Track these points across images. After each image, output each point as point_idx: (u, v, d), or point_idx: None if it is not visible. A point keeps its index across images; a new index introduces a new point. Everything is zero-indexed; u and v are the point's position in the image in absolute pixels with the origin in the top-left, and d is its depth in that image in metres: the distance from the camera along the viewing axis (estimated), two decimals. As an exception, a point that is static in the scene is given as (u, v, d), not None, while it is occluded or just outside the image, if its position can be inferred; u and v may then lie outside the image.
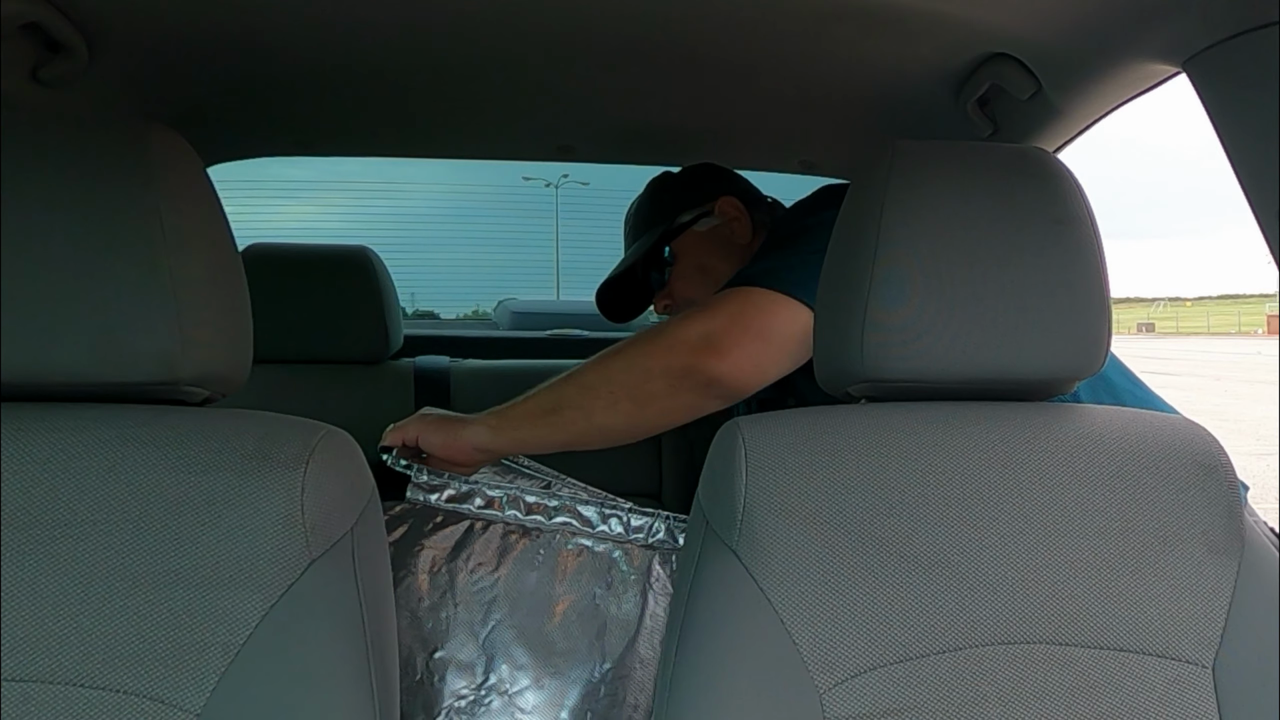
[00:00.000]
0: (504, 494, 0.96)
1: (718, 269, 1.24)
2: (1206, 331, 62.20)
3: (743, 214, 1.28)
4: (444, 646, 0.91)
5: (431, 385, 1.58)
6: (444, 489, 0.96)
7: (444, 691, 0.90)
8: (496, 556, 0.94)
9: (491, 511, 0.96)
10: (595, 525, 0.96)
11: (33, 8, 0.90)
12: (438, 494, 0.96)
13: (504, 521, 0.96)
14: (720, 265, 1.25)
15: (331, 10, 0.99)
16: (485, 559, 0.94)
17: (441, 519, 0.96)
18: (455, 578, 0.93)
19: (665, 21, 1.02)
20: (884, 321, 0.69)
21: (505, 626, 0.92)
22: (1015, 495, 0.68)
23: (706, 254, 1.27)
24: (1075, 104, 1.05)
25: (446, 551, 0.94)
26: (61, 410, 0.63)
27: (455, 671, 0.91)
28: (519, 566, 0.94)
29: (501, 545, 0.95)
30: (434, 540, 0.95)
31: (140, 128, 0.63)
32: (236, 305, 0.69)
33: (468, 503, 0.96)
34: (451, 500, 0.96)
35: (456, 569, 0.93)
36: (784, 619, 0.65)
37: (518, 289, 3.45)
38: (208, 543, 0.60)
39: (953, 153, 0.72)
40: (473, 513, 0.96)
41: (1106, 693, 0.66)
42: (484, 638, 0.92)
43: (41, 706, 0.57)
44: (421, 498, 0.95)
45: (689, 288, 1.26)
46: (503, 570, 0.94)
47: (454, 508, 0.96)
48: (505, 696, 0.91)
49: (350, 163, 1.77)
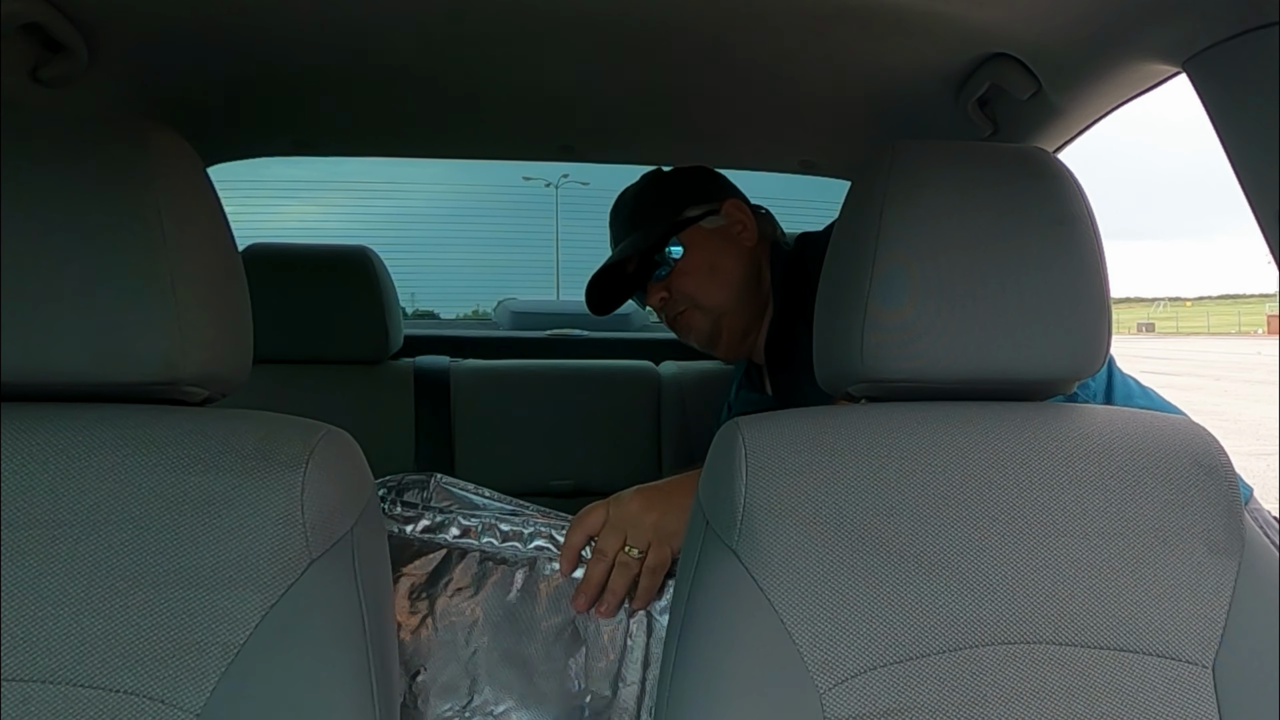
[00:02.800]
0: (479, 522, 0.96)
1: (729, 268, 1.24)
2: (1206, 331, 62.20)
3: (749, 217, 1.28)
4: (426, 669, 0.90)
5: (431, 385, 1.58)
6: (419, 520, 0.96)
7: (428, 714, 0.89)
8: (475, 582, 0.93)
9: (468, 540, 0.95)
10: None
11: (33, 8, 0.90)
12: (412, 525, 0.95)
13: (480, 549, 0.95)
14: (732, 265, 1.25)
15: (332, 10, 0.99)
16: (464, 584, 0.93)
17: (418, 547, 0.95)
18: (435, 602, 0.92)
19: (665, 22, 1.02)
20: (884, 321, 0.69)
21: (487, 649, 0.91)
22: (1015, 495, 0.68)
23: (717, 252, 1.25)
24: (1075, 104, 1.05)
25: (425, 578, 0.93)
26: (61, 410, 0.63)
27: (439, 694, 0.89)
28: (498, 591, 0.93)
29: (480, 571, 0.94)
30: (412, 568, 0.94)
31: (140, 128, 0.63)
32: (236, 305, 0.69)
33: (443, 532, 0.95)
34: (427, 530, 0.96)
35: (436, 594, 0.93)
36: (784, 619, 0.65)
37: (518, 289, 3.46)
38: (208, 542, 0.60)
39: (953, 153, 0.72)
40: (448, 542, 0.95)
41: (1106, 693, 0.66)
42: (467, 660, 0.91)
43: (41, 706, 0.57)
44: (396, 529, 0.95)
45: (693, 283, 1.25)
46: (482, 594, 0.93)
47: (430, 538, 0.95)
48: (490, 717, 0.90)
49: (350, 163, 1.77)
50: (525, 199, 3.21)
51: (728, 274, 1.24)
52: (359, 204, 3.20)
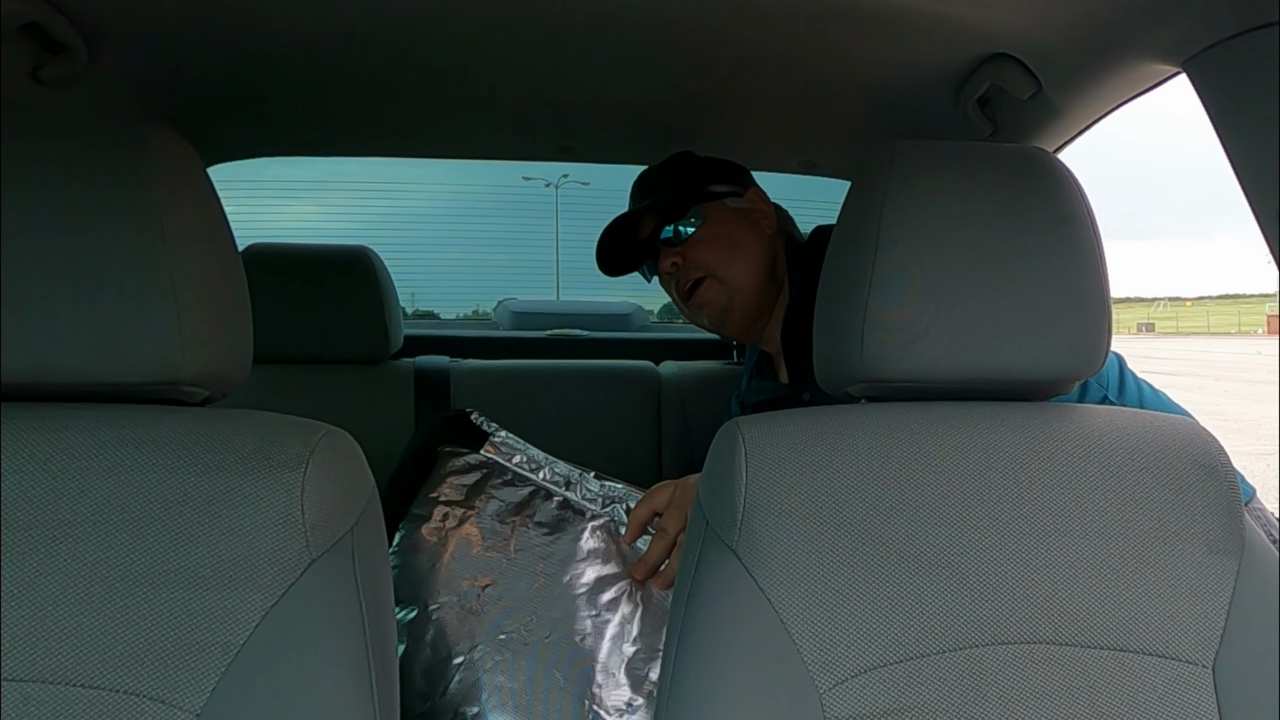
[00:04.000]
0: (570, 474, 1.04)
1: (746, 246, 1.26)
2: (1206, 331, 62.21)
3: (770, 208, 1.30)
4: (497, 583, 0.96)
5: (431, 385, 1.58)
6: (520, 453, 1.05)
7: (487, 624, 0.94)
8: (554, 523, 1.00)
9: (555, 486, 1.03)
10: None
11: (33, 8, 0.90)
12: (514, 457, 1.04)
13: (564, 497, 1.02)
14: (750, 243, 1.26)
15: (332, 11, 0.99)
16: (545, 520, 1.00)
17: (510, 477, 1.03)
18: (515, 529, 0.99)
19: (665, 22, 1.02)
20: (884, 321, 0.69)
21: (552, 585, 0.97)
22: (1015, 495, 0.68)
23: (737, 229, 1.27)
24: (1075, 104, 1.05)
25: (511, 506, 1.01)
26: (62, 410, 0.63)
27: (502, 610, 0.95)
28: (571, 537, 1.00)
29: (559, 515, 1.01)
30: (502, 494, 1.01)
31: (140, 128, 0.63)
32: (236, 305, 0.69)
33: (538, 473, 1.04)
34: (523, 466, 1.04)
35: (519, 522, 1.00)
36: (784, 619, 0.65)
37: (518, 289, 3.45)
38: (208, 542, 0.60)
39: (953, 153, 0.72)
40: (539, 482, 1.03)
41: (1106, 693, 0.65)
42: (533, 588, 0.96)
43: (41, 706, 0.57)
44: (498, 457, 1.04)
45: (709, 253, 1.25)
46: (557, 535, 0.99)
47: (525, 474, 1.03)
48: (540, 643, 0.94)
49: (350, 163, 1.77)
50: (525, 199, 3.21)
51: (746, 251, 1.26)
52: (359, 204, 3.20)
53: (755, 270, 1.26)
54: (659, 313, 2.41)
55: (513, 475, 1.03)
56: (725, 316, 1.28)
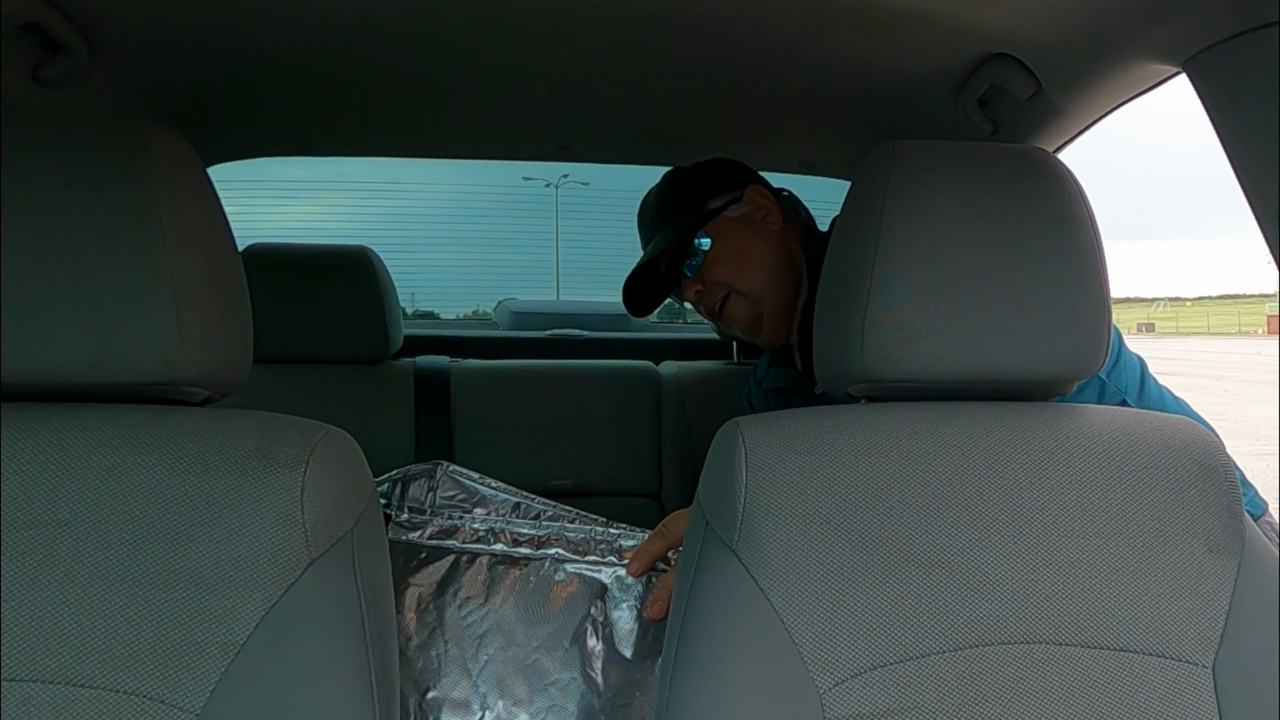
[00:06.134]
0: (489, 527, 0.95)
1: (757, 252, 1.25)
2: (1206, 331, 62.20)
3: (771, 200, 1.29)
4: (437, 686, 0.89)
5: (431, 385, 1.58)
6: (427, 526, 0.94)
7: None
8: (485, 589, 0.92)
9: (477, 545, 0.94)
10: (585, 553, 0.95)
11: (33, 8, 0.90)
12: (420, 531, 0.94)
13: (490, 553, 0.94)
14: (760, 249, 1.25)
15: (332, 11, 0.99)
16: (474, 592, 0.92)
17: (425, 555, 0.94)
18: (444, 614, 0.91)
19: (665, 22, 1.02)
20: (884, 321, 0.69)
21: (499, 661, 0.90)
22: (1015, 495, 0.68)
23: (745, 238, 1.26)
24: (1075, 104, 1.05)
25: (433, 588, 0.92)
26: (62, 410, 0.63)
27: (450, 711, 0.88)
28: (509, 597, 0.92)
29: (489, 577, 0.93)
30: (419, 577, 0.92)
31: (140, 128, 0.63)
32: (236, 305, 0.69)
33: (452, 538, 0.94)
34: (435, 536, 0.94)
35: (444, 604, 0.91)
36: (784, 619, 0.65)
37: (518, 289, 3.46)
38: (208, 542, 0.60)
39: (953, 153, 0.72)
40: (458, 547, 0.94)
41: (1106, 693, 0.65)
42: (477, 674, 0.89)
43: (41, 706, 0.57)
44: (404, 536, 0.93)
45: (723, 270, 1.25)
46: (493, 603, 0.92)
47: (438, 543, 0.94)
48: None
49: (350, 163, 1.77)
50: (525, 199, 3.21)
51: (758, 258, 1.25)
52: (359, 204, 3.20)
53: (772, 273, 1.26)
54: (659, 313, 2.41)
55: (427, 552, 0.94)
56: (757, 326, 1.28)
